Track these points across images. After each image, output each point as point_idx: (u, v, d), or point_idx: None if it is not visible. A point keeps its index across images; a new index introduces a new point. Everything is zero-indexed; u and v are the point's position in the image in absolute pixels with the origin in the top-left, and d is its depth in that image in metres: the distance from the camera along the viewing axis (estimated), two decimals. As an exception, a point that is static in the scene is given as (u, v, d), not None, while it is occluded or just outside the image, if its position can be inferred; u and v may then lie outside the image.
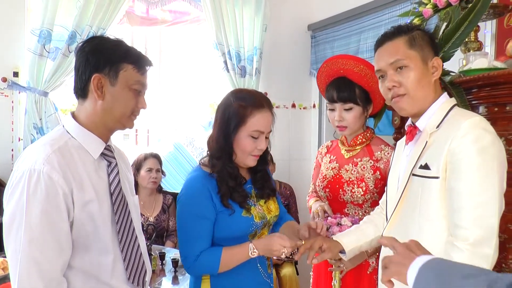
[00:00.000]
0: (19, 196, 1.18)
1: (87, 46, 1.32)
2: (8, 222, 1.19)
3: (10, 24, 3.00)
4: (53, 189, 1.19)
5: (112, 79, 1.30)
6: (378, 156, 1.93)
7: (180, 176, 3.70)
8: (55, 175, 1.20)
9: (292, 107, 4.00)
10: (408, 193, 1.38)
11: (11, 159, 3.00)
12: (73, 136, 1.32)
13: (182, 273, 2.33)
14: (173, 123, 4.02)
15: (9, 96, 3.03)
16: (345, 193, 1.95)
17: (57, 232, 1.20)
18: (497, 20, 2.28)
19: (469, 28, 1.75)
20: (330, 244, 1.62)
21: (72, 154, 1.28)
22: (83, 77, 1.30)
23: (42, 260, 1.17)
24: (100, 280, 1.30)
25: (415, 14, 2.03)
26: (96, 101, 1.31)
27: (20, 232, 1.16)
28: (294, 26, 3.98)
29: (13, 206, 1.18)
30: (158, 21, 3.56)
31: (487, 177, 1.21)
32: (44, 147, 1.25)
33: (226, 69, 3.55)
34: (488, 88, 1.63)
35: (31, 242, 1.16)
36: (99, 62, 1.29)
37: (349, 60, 1.90)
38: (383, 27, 3.04)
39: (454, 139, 1.24)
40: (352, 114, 1.92)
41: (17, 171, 1.22)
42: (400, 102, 1.39)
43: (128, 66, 1.31)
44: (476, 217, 1.20)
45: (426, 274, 0.86)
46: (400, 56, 1.37)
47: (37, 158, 1.21)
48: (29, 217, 1.16)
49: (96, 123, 1.34)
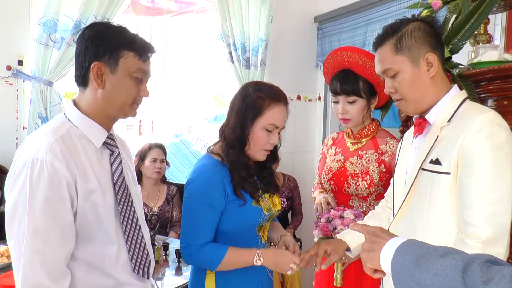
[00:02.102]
0: (21, 185, 1.16)
1: (87, 33, 1.28)
2: (11, 212, 1.17)
3: (14, 12, 2.98)
4: (56, 179, 1.17)
5: (112, 67, 1.26)
6: (383, 149, 1.92)
7: (184, 167, 3.69)
8: (58, 164, 1.17)
9: (297, 99, 3.98)
10: (417, 187, 1.35)
11: (15, 147, 2.99)
12: (75, 124, 1.29)
13: (185, 264, 2.33)
14: (177, 114, 4.02)
15: (13, 85, 3.02)
16: (350, 186, 1.93)
17: (60, 222, 1.18)
18: (508, 13, 2.25)
19: (479, 20, 1.73)
20: (334, 245, 1.61)
21: (74, 143, 1.25)
22: (83, 65, 1.27)
23: (45, 250, 1.16)
24: (104, 271, 1.28)
25: (424, 6, 2.00)
26: (97, 89, 1.28)
27: (23, 222, 1.14)
28: (300, 17, 3.95)
29: (16, 196, 1.16)
30: (163, 11, 3.53)
31: (501, 175, 1.19)
32: (47, 135, 1.22)
33: (231, 60, 3.53)
34: (498, 81, 1.61)
35: (34, 232, 1.14)
36: (98, 49, 1.25)
37: (354, 52, 1.89)
38: (390, 19, 3.00)
39: (468, 134, 1.21)
40: (355, 107, 1.92)
41: (18, 160, 1.19)
42: (400, 106, 1.41)
43: (129, 53, 1.27)
44: (488, 215, 1.17)
45: (403, 257, 0.85)
46: (388, 64, 1.35)
47: (39, 147, 1.18)
48: (32, 207, 1.14)
49: (97, 111, 1.31)
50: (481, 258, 0.75)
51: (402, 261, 0.86)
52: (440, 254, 0.81)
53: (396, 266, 0.87)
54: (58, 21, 2.95)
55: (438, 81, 1.36)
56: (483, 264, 0.73)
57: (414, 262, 0.82)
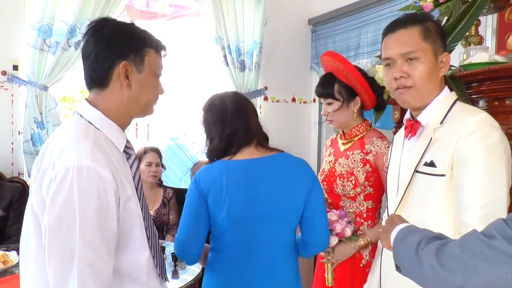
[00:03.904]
0: (66, 196, 1.05)
1: (104, 30, 1.19)
2: (55, 226, 1.06)
3: (9, 17, 2.99)
4: (103, 187, 1.09)
5: (138, 66, 1.20)
6: (368, 149, 1.94)
7: (179, 171, 3.70)
8: (103, 172, 1.09)
9: (292, 101, 4.00)
10: (412, 190, 1.36)
11: (10, 152, 3.00)
12: (98, 127, 1.19)
13: (182, 267, 2.34)
14: (173, 118, 4.02)
15: (8, 90, 3.03)
16: (338, 187, 1.97)
17: (107, 232, 1.10)
18: (498, 15, 2.27)
19: (470, 22, 1.75)
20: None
21: (104, 147, 1.16)
22: (104, 65, 1.18)
23: (98, 264, 1.08)
24: (136, 280, 1.21)
25: (416, 8, 2.02)
26: (121, 90, 1.20)
27: (72, 235, 1.05)
28: (295, 20, 3.97)
29: (59, 208, 1.06)
30: (158, 14, 3.55)
31: (495, 176, 1.20)
32: (81, 140, 1.12)
33: (226, 63, 3.54)
34: (488, 82, 1.62)
35: (86, 245, 1.06)
36: (123, 48, 1.18)
37: (328, 56, 1.96)
38: (384, 22, 3.03)
39: (461, 136, 1.22)
40: (332, 108, 1.98)
41: (55, 168, 1.08)
42: (405, 95, 1.36)
43: (151, 51, 1.23)
44: (483, 216, 1.18)
45: (398, 237, 1.13)
46: (414, 47, 1.32)
47: (80, 153, 1.09)
48: (82, 218, 1.05)
49: (119, 112, 1.22)
50: (432, 235, 1.02)
51: (396, 241, 1.13)
52: (414, 233, 1.07)
53: (394, 243, 1.14)
54: (53, 25, 2.96)
55: (442, 81, 1.38)
56: (430, 239, 0.99)
57: (400, 240, 1.11)
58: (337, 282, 1.95)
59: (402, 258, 1.07)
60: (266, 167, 1.61)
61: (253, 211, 1.58)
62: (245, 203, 1.57)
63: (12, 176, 2.98)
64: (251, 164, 1.60)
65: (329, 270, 1.95)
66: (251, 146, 1.63)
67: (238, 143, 1.62)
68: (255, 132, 1.65)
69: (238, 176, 1.58)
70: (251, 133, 1.64)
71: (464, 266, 0.86)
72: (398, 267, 1.09)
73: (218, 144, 1.64)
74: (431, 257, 0.94)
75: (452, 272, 0.88)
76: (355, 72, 1.89)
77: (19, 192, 2.83)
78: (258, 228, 1.59)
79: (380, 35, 1.50)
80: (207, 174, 1.61)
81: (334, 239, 1.85)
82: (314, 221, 1.65)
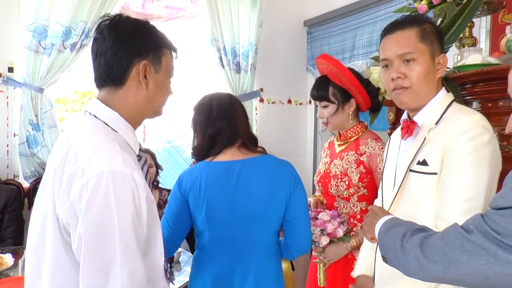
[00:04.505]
0: (103, 202, 1.01)
1: (123, 27, 1.15)
2: (93, 233, 1.01)
3: (3, 19, 2.98)
4: (137, 192, 1.05)
5: (156, 66, 1.18)
6: (362, 150, 1.95)
7: (175, 173, 3.69)
8: (137, 176, 1.06)
9: (288, 103, 4.00)
10: (405, 189, 1.37)
11: (6, 155, 3.00)
12: (115, 129, 1.15)
13: (178, 269, 2.34)
14: (169, 120, 4.02)
15: (4, 92, 3.02)
16: (332, 187, 1.98)
17: (140, 238, 1.07)
18: (492, 16, 2.28)
19: (464, 24, 1.76)
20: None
21: (125, 150, 1.12)
22: (123, 63, 1.14)
23: (137, 271, 1.05)
24: (154, 284, 1.16)
25: (410, 10, 2.03)
26: (138, 90, 1.17)
27: (113, 243, 1.01)
28: (290, 22, 3.98)
29: (97, 215, 1.01)
30: (154, 16, 3.55)
31: (479, 175, 1.21)
32: (108, 144, 1.08)
33: (222, 65, 3.55)
34: (482, 84, 1.64)
35: (126, 253, 1.02)
36: (143, 47, 1.16)
37: (323, 59, 1.97)
38: (378, 23, 3.05)
39: (453, 135, 1.24)
40: (327, 111, 2.00)
41: (86, 174, 1.02)
42: (402, 95, 1.37)
43: (167, 52, 1.21)
44: (460, 213, 1.19)
45: (382, 229, 1.19)
46: (411, 49, 1.33)
47: (111, 157, 1.05)
48: (120, 224, 1.02)
49: (134, 113, 1.19)
50: (416, 227, 1.08)
51: (380, 233, 1.20)
52: (398, 226, 1.13)
53: (379, 235, 1.20)
54: (48, 27, 2.96)
55: (439, 83, 1.39)
56: (414, 231, 1.06)
57: (384, 232, 1.17)
58: (330, 282, 1.97)
59: (387, 250, 1.13)
60: (246, 169, 1.61)
61: (233, 212, 1.60)
62: (225, 204, 1.59)
63: (8, 179, 2.98)
64: (231, 166, 1.61)
65: (321, 270, 1.96)
66: (234, 147, 1.64)
67: (222, 143, 1.63)
68: (241, 133, 1.65)
69: (217, 178, 1.60)
70: (236, 135, 1.64)
71: (445, 258, 0.93)
72: (384, 258, 1.16)
73: (201, 143, 1.66)
74: (415, 248, 1.01)
75: (435, 263, 0.95)
76: (349, 74, 1.90)
77: (14, 195, 2.82)
78: (239, 228, 1.61)
79: (375, 37, 1.52)
80: (189, 175, 1.64)
81: (325, 239, 1.86)
82: (296, 223, 1.65)
